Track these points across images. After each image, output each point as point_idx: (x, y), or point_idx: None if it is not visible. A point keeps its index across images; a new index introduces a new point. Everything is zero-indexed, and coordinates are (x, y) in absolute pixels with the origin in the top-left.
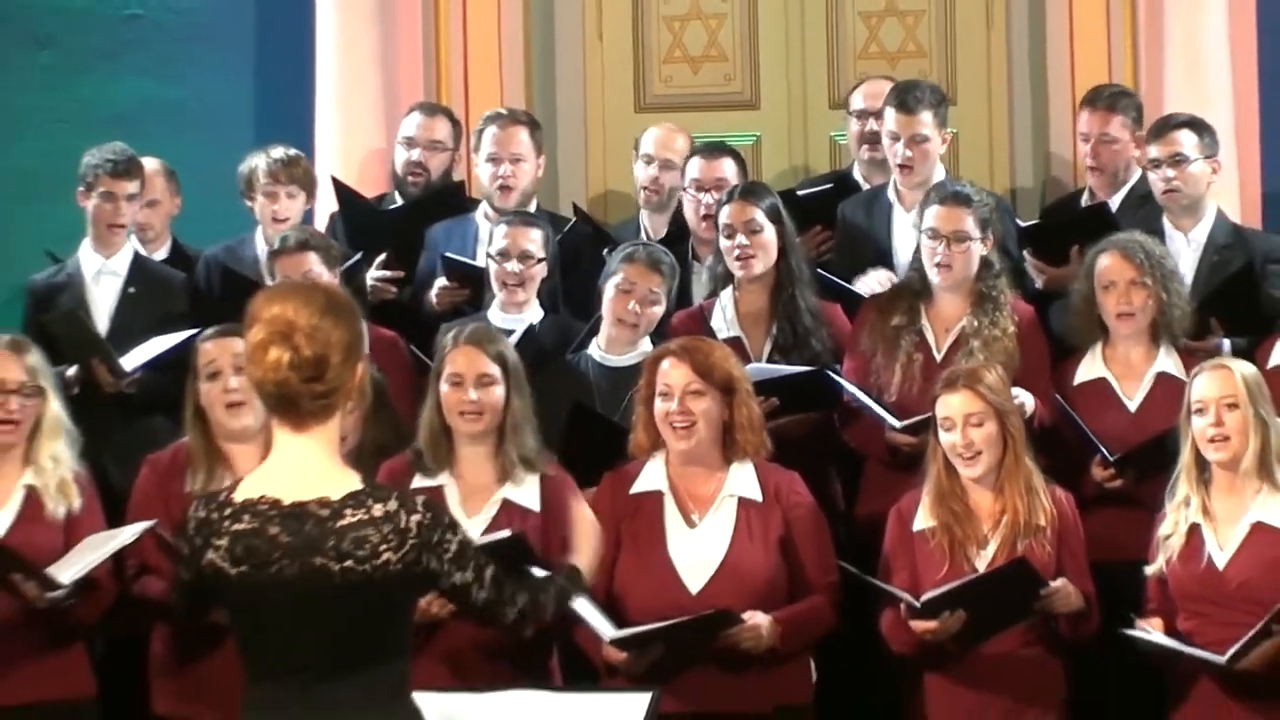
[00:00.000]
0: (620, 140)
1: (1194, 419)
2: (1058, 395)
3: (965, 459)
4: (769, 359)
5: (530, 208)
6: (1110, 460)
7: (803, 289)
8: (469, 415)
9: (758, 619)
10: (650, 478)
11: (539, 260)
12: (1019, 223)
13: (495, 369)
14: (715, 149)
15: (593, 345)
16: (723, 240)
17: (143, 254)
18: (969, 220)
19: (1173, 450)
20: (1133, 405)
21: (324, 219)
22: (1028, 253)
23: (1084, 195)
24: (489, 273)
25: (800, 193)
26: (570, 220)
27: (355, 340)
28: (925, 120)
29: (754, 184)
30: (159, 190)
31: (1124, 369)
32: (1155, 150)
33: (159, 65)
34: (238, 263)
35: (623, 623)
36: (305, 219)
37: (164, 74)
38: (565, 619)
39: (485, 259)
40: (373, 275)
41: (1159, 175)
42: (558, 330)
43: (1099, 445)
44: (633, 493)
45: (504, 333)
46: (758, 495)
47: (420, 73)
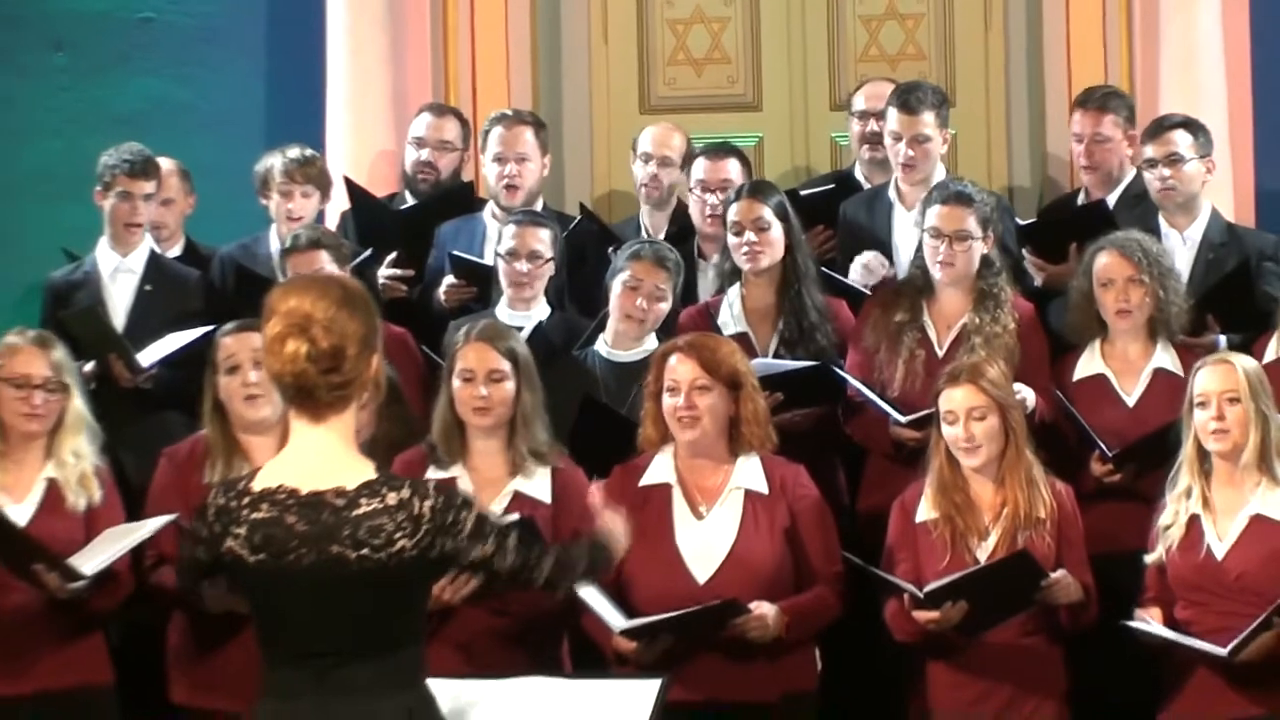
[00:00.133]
0: (625, 141)
1: (1196, 412)
2: (1057, 391)
3: (967, 451)
4: (775, 354)
5: (536, 206)
6: (1109, 455)
7: (809, 285)
8: (480, 410)
9: (764, 609)
10: (658, 470)
11: (547, 260)
12: (1018, 221)
13: (506, 364)
14: (720, 150)
15: (599, 341)
16: (731, 237)
17: (159, 252)
18: (971, 219)
19: (1171, 445)
20: (1131, 401)
21: (335, 218)
22: (1027, 251)
23: (1080, 195)
24: (498, 271)
25: (803, 193)
26: (575, 219)
27: (371, 332)
28: (927, 120)
29: (761, 182)
30: (174, 189)
31: (1122, 365)
32: (1151, 150)
33: (172, 67)
34: (252, 260)
35: (631, 612)
36: (317, 219)
37: (177, 76)
38: (575, 609)
39: (494, 258)
40: (383, 273)
41: (1155, 174)
42: (564, 327)
43: (1098, 441)
44: (641, 485)
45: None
46: (764, 488)
47: (429, 75)
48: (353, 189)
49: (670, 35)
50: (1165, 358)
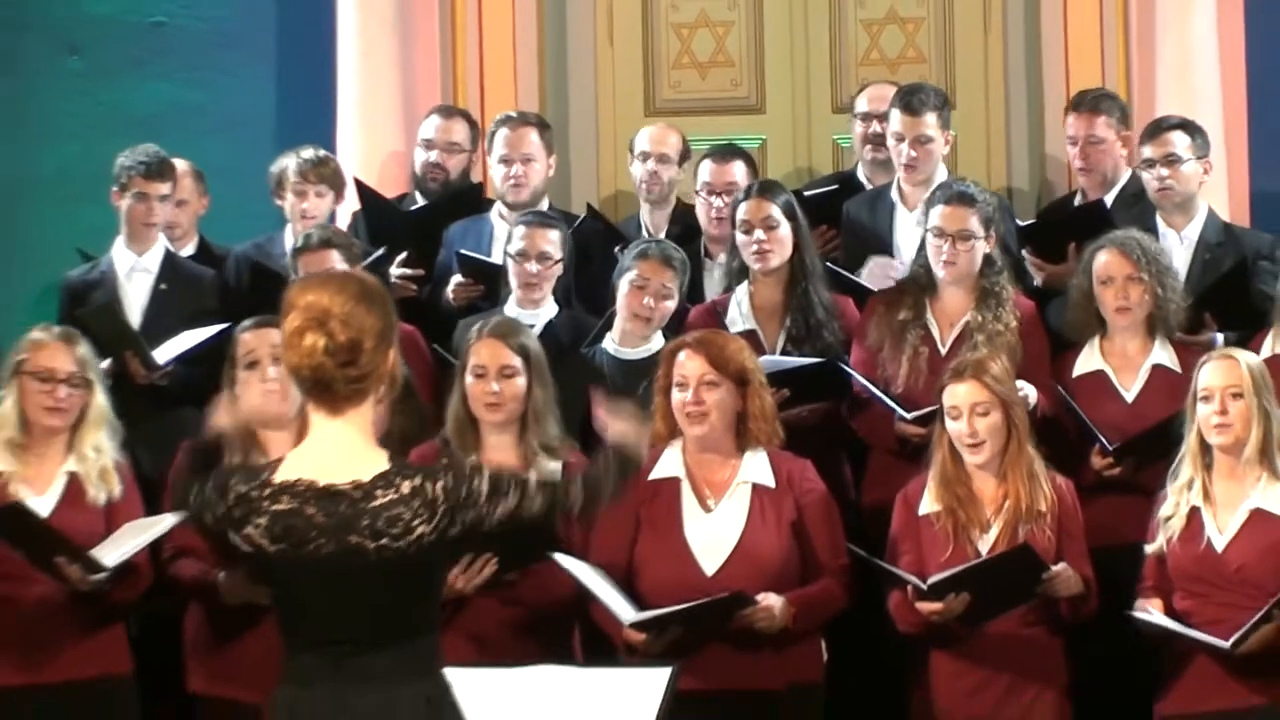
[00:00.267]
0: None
1: (1199, 405)
2: (1059, 386)
3: (970, 446)
4: (783, 351)
5: (542, 206)
6: (1109, 449)
7: (816, 283)
8: (492, 405)
9: (771, 600)
10: (667, 464)
11: (557, 261)
12: (1018, 222)
13: (517, 360)
14: (726, 153)
15: (606, 339)
16: (740, 235)
17: (173, 252)
18: (973, 219)
19: (1172, 439)
20: (1130, 396)
21: (345, 219)
22: (1026, 251)
23: (1077, 196)
24: (507, 271)
25: (806, 193)
26: (579, 217)
27: (387, 326)
28: (929, 121)
29: (770, 182)
30: (187, 190)
31: (1121, 361)
32: (1149, 150)
33: (184, 71)
34: (267, 259)
35: (640, 602)
36: (329, 219)
37: (189, 80)
38: (585, 599)
39: (504, 258)
40: (393, 273)
41: (1153, 175)
42: (572, 325)
43: (1098, 435)
44: (651, 479)
45: None
46: (771, 482)
47: (438, 77)
48: (363, 190)
49: (675, 39)
50: (1163, 354)
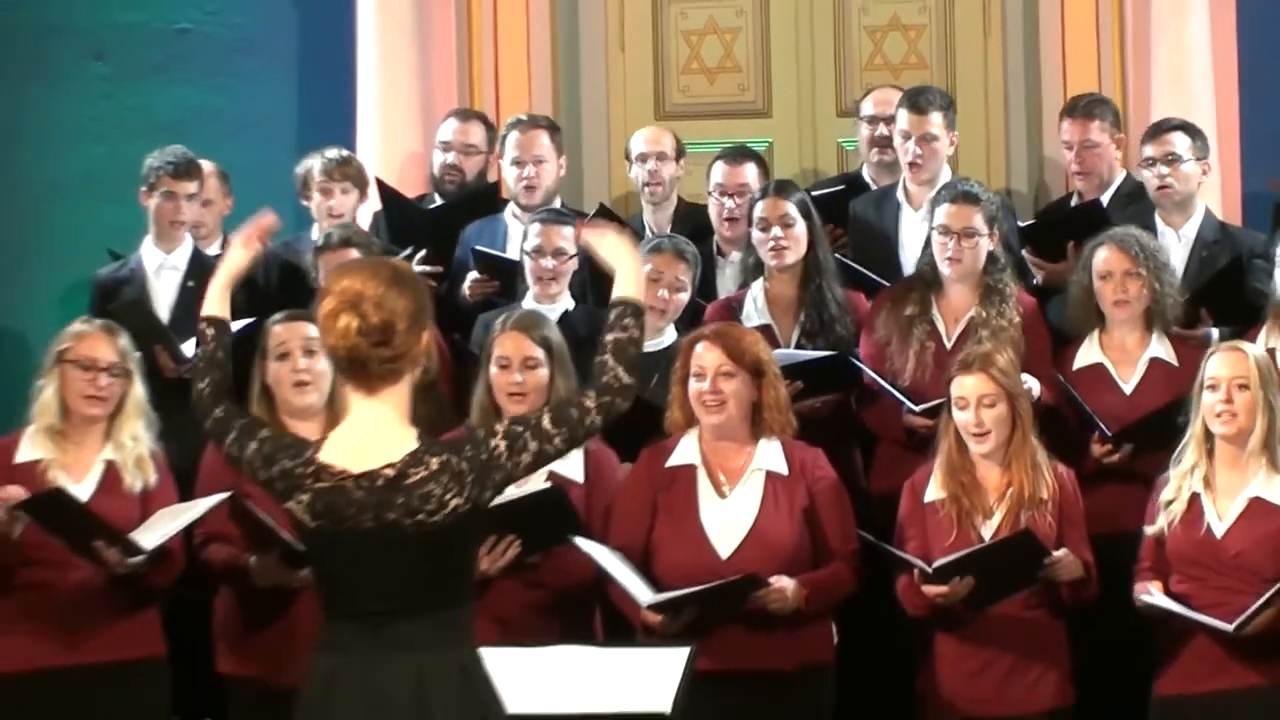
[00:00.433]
0: None
1: (1205, 394)
2: (1060, 377)
3: (976, 436)
4: (797, 345)
5: (554, 205)
6: (1108, 436)
7: (829, 279)
8: (515, 395)
9: (783, 582)
10: (684, 452)
11: (571, 256)
12: (1019, 223)
13: (540, 352)
14: (739, 155)
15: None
16: (756, 233)
17: (201, 250)
18: (977, 217)
19: (1167, 427)
20: (1128, 388)
21: (367, 219)
22: (1026, 251)
23: (1073, 198)
24: (523, 268)
25: (814, 193)
26: (588, 215)
27: (420, 310)
28: (935, 120)
29: (786, 181)
30: (213, 191)
31: (1119, 354)
32: (1151, 149)
33: (207, 76)
34: (295, 258)
35: (657, 585)
36: (351, 217)
37: (212, 84)
38: (604, 581)
39: (520, 255)
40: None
41: (1153, 173)
42: (588, 319)
43: (1098, 422)
44: (668, 466)
45: None
46: (784, 469)
47: (454, 82)
48: (384, 190)
49: (684, 45)
50: (1160, 348)
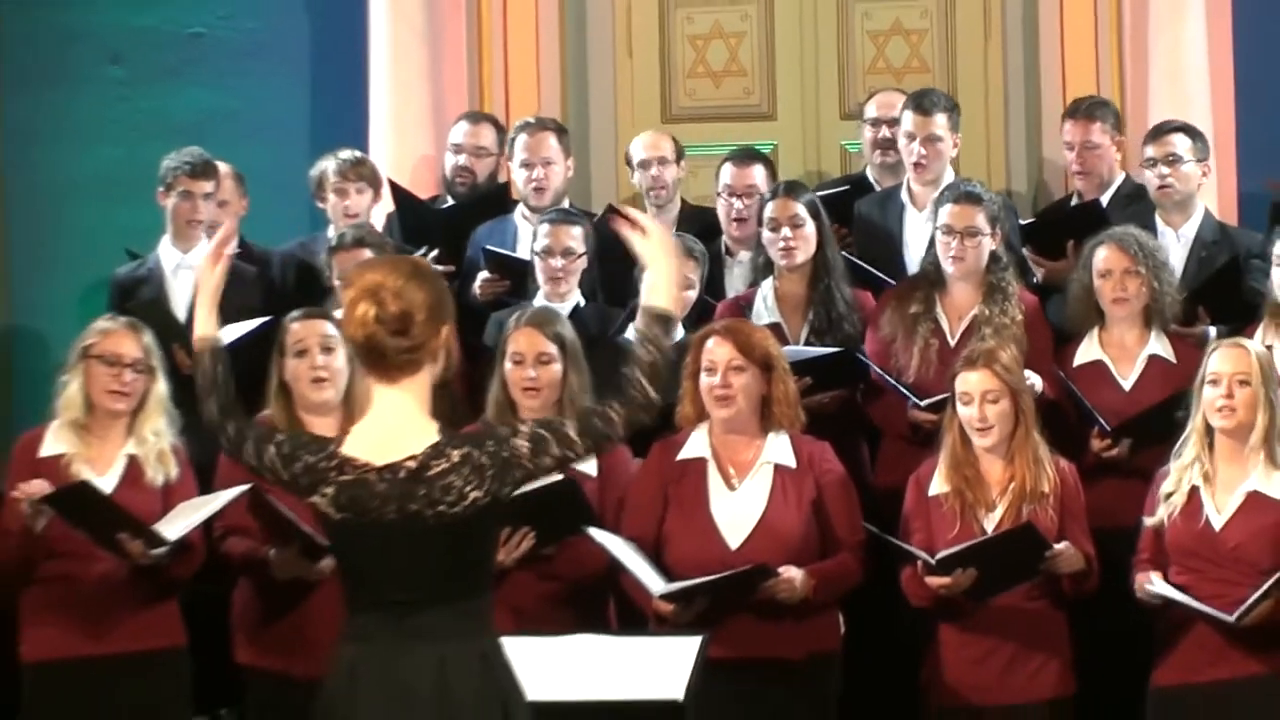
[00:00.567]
0: None
1: (1206, 389)
2: (1061, 373)
3: (980, 431)
4: (806, 342)
5: (563, 205)
6: (1107, 431)
7: (838, 278)
8: (529, 391)
9: (792, 573)
10: (695, 445)
11: (580, 255)
12: (1020, 222)
13: (553, 348)
14: (747, 156)
15: (630, 330)
16: (767, 233)
17: None
18: (980, 217)
19: (1166, 422)
20: (1127, 384)
21: (380, 220)
22: (1027, 250)
23: (1073, 199)
24: (534, 267)
25: (819, 194)
26: (597, 215)
27: (438, 303)
28: (939, 122)
29: (795, 182)
30: (228, 192)
31: (1119, 351)
32: (1152, 150)
33: (221, 79)
34: (311, 258)
35: (669, 575)
36: (366, 217)
37: (225, 87)
38: (617, 572)
39: (530, 255)
40: None
41: (1154, 173)
42: (599, 316)
43: (1097, 418)
44: (679, 459)
45: None
46: (792, 462)
47: (465, 85)
48: (397, 191)
49: (690, 49)
50: (1159, 345)
